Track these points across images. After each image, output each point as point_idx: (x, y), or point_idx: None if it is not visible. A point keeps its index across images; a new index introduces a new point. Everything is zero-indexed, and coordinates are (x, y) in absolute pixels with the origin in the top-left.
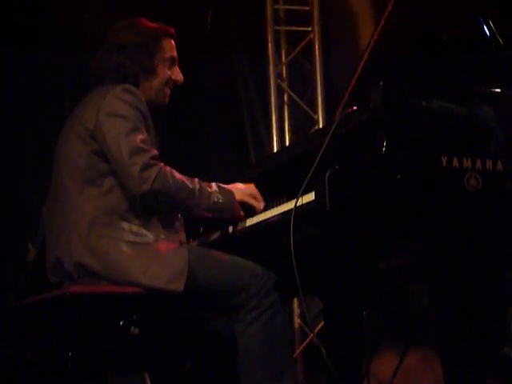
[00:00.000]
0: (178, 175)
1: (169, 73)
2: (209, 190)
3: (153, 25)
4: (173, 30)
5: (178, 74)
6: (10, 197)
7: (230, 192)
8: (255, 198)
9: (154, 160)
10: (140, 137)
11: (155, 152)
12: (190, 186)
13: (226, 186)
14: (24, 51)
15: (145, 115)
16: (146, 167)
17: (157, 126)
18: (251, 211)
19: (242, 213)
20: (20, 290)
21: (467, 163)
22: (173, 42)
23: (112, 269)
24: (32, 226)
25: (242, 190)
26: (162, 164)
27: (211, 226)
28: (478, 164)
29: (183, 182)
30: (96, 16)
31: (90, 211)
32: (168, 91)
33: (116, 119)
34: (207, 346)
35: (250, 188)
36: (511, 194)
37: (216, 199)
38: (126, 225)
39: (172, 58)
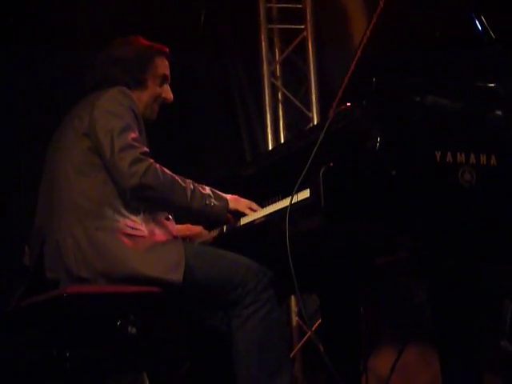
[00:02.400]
0: (168, 172)
1: (159, 90)
2: (202, 191)
3: (148, 43)
4: (167, 50)
5: (168, 93)
6: (5, 199)
7: (224, 199)
8: (251, 208)
9: (143, 156)
10: (132, 135)
11: (146, 149)
12: (182, 184)
13: (222, 193)
14: (17, 51)
15: (138, 117)
16: (135, 162)
17: (151, 126)
18: None
19: (232, 219)
20: (22, 294)
21: (461, 158)
22: (166, 61)
23: (109, 260)
24: (28, 228)
25: (238, 199)
26: (151, 160)
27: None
28: (472, 159)
29: (174, 179)
30: (90, 19)
31: (85, 203)
32: (156, 108)
33: (109, 116)
34: (204, 344)
35: (249, 201)
36: (505, 188)
37: (208, 202)
38: (120, 218)
39: (164, 76)
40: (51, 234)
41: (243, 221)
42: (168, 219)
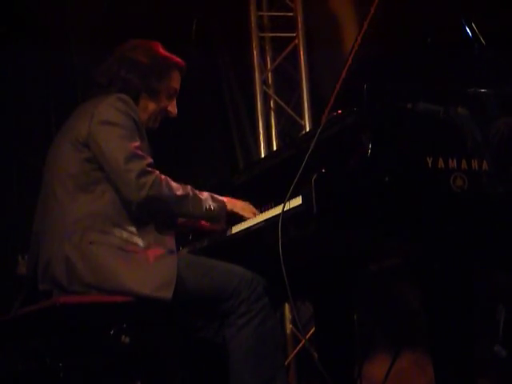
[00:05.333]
0: (173, 183)
1: (167, 103)
2: (201, 197)
3: (167, 53)
4: (184, 65)
5: (174, 107)
6: None
7: (222, 201)
8: (247, 211)
9: (150, 167)
10: (134, 144)
11: (151, 160)
12: (185, 193)
13: (219, 196)
14: (7, 52)
15: (138, 124)
16: (143, 174)
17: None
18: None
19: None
20: (21, 303)
21: (452, 164)
22: (180, 76)
23: (101, 274)
24: (21, 238)
25: (234, 201)
26: (157, 172)
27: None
28: (464, 164)
29: (178, 189)
30: (81, 21)
31: (82, 217)
32: (159, 119)
33: (110, 127)
34: (198, 353)
35: (245, 203)
36: (497, 193)
37: (208, 206)
38: (117, 231)
39: (175, 90)
40: (44, 248)
41: (235, 229)
42: (168, 231)
